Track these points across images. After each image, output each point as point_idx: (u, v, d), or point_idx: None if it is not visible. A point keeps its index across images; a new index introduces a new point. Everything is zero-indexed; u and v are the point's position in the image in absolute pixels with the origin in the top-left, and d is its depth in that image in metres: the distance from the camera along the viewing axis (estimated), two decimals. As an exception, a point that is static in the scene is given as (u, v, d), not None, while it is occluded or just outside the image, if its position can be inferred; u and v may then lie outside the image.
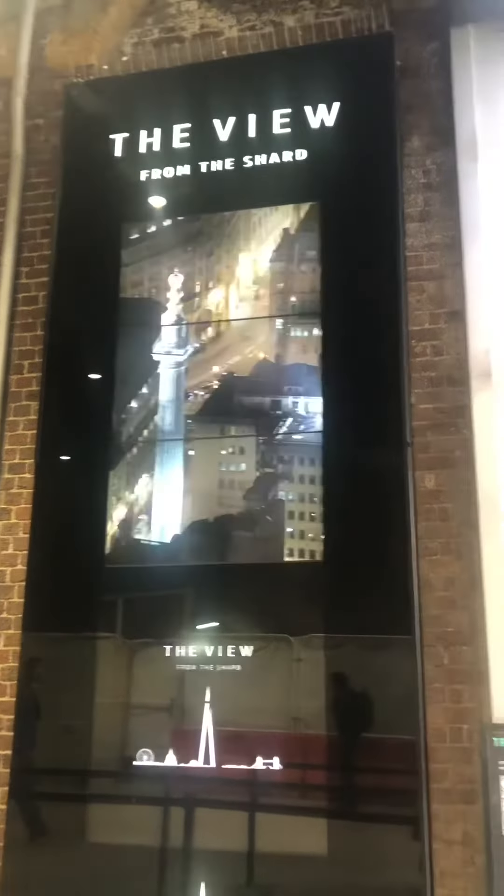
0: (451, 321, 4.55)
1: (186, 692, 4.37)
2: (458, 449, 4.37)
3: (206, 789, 4.27)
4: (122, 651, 4.57)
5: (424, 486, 4.36)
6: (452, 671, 4.11)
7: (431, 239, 4.70)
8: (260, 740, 4.23)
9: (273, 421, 4.74)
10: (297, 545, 4.55)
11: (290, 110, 5.02)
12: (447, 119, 4.82)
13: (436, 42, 4.97)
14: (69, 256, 5.17)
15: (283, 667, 4.33)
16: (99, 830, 4.29)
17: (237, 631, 4.37)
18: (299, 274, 4.90)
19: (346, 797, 4.15)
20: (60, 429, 4.92)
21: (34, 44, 5.78)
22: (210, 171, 5.07)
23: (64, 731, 4.49)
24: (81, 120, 5.47)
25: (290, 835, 4.07)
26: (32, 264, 5.41)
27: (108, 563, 4.67)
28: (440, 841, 3.94)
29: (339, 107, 4.93)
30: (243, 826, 4.16)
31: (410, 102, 4.93)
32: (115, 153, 5.31)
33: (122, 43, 5.84)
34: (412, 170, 4.83)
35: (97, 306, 5.06)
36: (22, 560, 4.85)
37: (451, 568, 4.23)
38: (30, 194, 5.54)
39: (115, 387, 4.90)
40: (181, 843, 4.16)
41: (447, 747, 4.03)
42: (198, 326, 5.04)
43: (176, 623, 4.50)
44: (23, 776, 4.48)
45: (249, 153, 5.02)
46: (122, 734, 4.46)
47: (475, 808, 3.93)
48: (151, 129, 5.26)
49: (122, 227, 5.16)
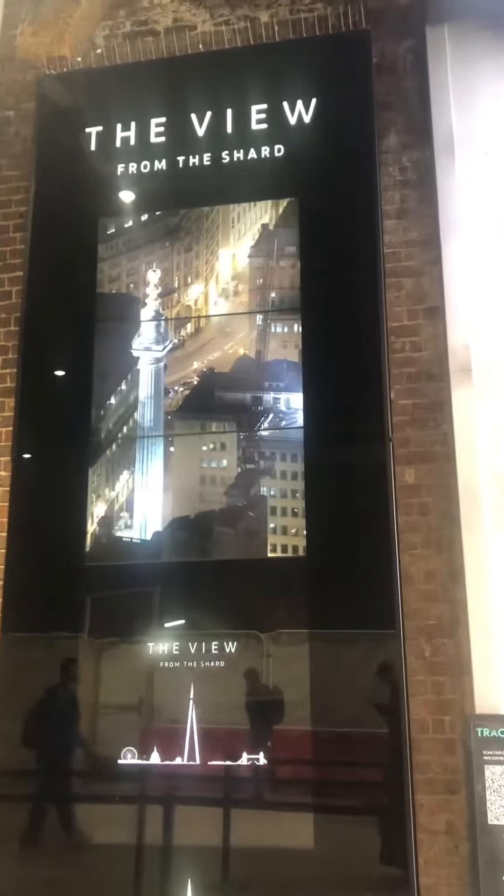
0: (429, 317, 4.60)
1: (170, 690, 4.34)
2: (437, 444, 4.42)
3: (189, 785, 4.26)
4: (102, 649, 4.53)
5: (405, 481, 4.40)
6: (434, 663, 4.16)
7: (409, 236, 4.74)
8: (243, 737, 4.23)
9: (254, 417, 4.73)
10: (279, 541, 4.55)
11: (267, 106, 5.01)
12: (423, 117, 4.87)
13: (411, 40, 5.00)
14: (44, 251, 5.10)
15: (265, 664, 4.34)
16: (85, 830, 4.25)
17: (220, 628, 4.36)
18: (278, 269, 4.90)
19: (331, 790, 4.17)
20: (37, 426, 4.86)
21: (4, 34, 5.69)
22: (188, 166, 5.05)
23: (45, 731, 4.43)
24: (54, 112, 5.40)
25: (277, 829, 4.08)
26: (5, 259, 5.33)
27: (89, 561, 4.62)
28: (424, 831, 3.99)
29: (317, 103, 4.95)
30: (226, 822, 4.17)
31: (386, 100, 4.96)
32: (89, 147, 5.25)
33: (94, 35, 5.77)
34: (389, 167, 4.86)
35: (74, 302, 5.01)
36: (-1, 559, 4.78)
37: (432, 562, 4.28)
38: (1, 187, 5.45)
39: (94, 383, 4.85)
40: (167, 841, 4.15)
41: (430, 738, 4.08)
42: (177, 322, 5.02)
43: (157, 621, 4.47)
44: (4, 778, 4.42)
45: (227, 148, 5.01)
46: (104, 733, 4.42)
47: (458, 798, 3.98)
48: (127, 123, 5.22)
49: (99, 221, 5.10)
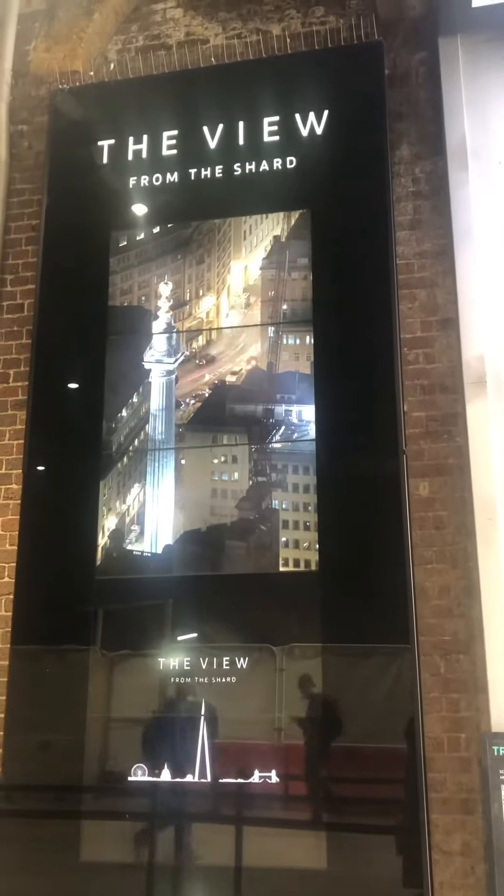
0: (442, 329, 4.56)
1: (181, 705, 4.30)
2: (451, 456, 4.37)
3: (200, 802, 4.20)
4: (112, 663, 4.49)
5: (418, 494, 4.35)
6: (449, 680, 4.10)
7: (422, 247, 4.71)
8: (255, 752, 4.17)
9: (266, 429, 4.70)
10: (291, 555, 4.51)
11: (280, 118, 5.01)
12: (435, 128, 4.85)
13: (423, 51, 5.00)
14: (56, 264, 5.11)
15: (277, 678, 4.28)
16: (93, 848, 4.19)
17: (233, 641, 4.32)
18: (290, 281, 4.88)
19: (344, 808, 4.10)
20: (48, 438, 4.85)
21: (18, 49, 5.74)
22: (199, 178, 5.05)
23: (55, 746, 4.38)
24: (67, 126, 5.42)
25: (289, 848, 4.01)
26: (17, 272, 5.34)
27: (100, 575, 4.59)
28: (439, 851, 3.91)
29: (329, 115, 4.93)
30: (239, 841, 4.11)
31: (399, 111, 4.95)
32: (102, 160, 5.27)
33: (106, 49, 5.82)
34: (402, 178, 4.85)
35: (85, 314, 5.01)
36: (9, 572, 4.76)
37: (447, 576, 4.22)
38: (14, 200, 5.48)
39: (105, 396, 4.84)
40: (177, 860, 4.09)
41: (445, 756, 4.01)
42: (189, 334, 5.00)
43: (169, 635, 4.44)
44: (13, 792, 4.38)
45: (239, 161, 5.00)
46: (114, 748, 4.37)
47: (474, 818, 3.91)
48: (139, 136, 5.23)
49: (111, 234, 5.10)
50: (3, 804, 4.36)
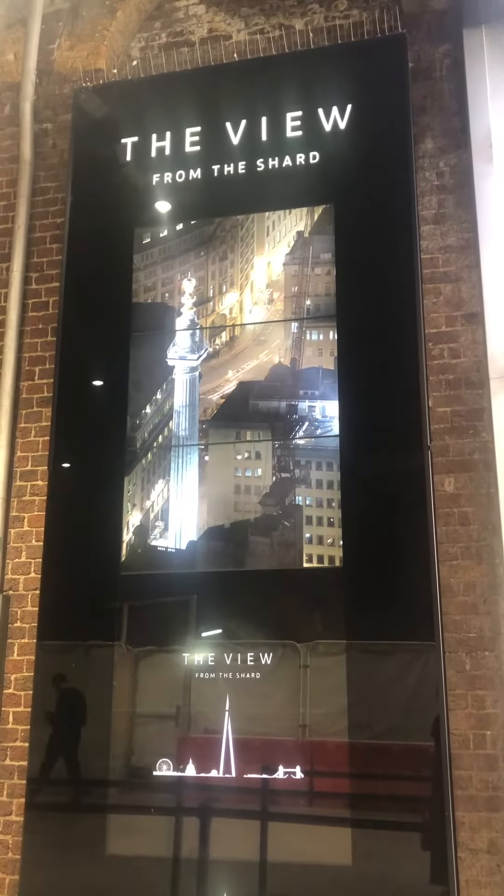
0: (467, 323, 4.52)
1: (206, 700, 4.31)
2: (477, 452, 4.33)
3: (226, 798, 4.22)
4: (137, 659, 4.51)
5: (444, 490, 4.32)
6: (474, 677, 4.07)
7: (447, 241, 4.68)
8: (280, 748, 4.17)
9: (289, 425, 4.70)
10: (315, 551, 4.50)
11: (302, 113, 4.99)
12: (460, 121, 4.81)
13: (447, 44, 4.96)
14: (80, 262, 5.13)
15: (301, 675, 4.28)
16: (119, 842, 4.22)
17: (257, 638, 4.32)
18: (314, 277, 4.87)
19: (369, 805, 4.08)
20: (73, 435, 4.88)
21: (42, 48, 5.77)
22: (222, 174, 5.04)
23: (81, 741, 4.42)
24: (90, 124, 5.44)
25: (313, 844, 4.01)
26: (42, 269, 5.38)
27: (124, 571, 4.62)
28: (465, 849, 3.89)
29: (352, 109, 4.91)
30: (264, 836, 4.12)
31: (423, 104, 4.92)
32: (125, 157, 5.28)
33: (129, 47, 5.84)
34: (426, 172, 4.81)
35: (109, 311, 5.02)
36: (35, 568, 4.80)
37: (472, 572, 4.19)
38: (38, 199, 5.51)
39: (129, 392, 4.86)
40: (203, 854, 4.11)
41: (471, 753, 3.99)
42: (212, 331, 5.01)
43: (193, 631, 4.45)
44: (40, 787, 4.43)
45: (262, 156, 4.99)
46: (140, 743, 4.40)
47: (500, 815, 3.89)
48: (162, 133, 5.23)
49: (135, 231, 5.12)
50: (30, 798, 4.40)
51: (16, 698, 4.64)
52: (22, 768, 4.49)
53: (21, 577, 4.83)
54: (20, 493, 4.98)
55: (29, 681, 4.61)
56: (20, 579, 4.83)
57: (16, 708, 4.63)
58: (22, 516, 4.94)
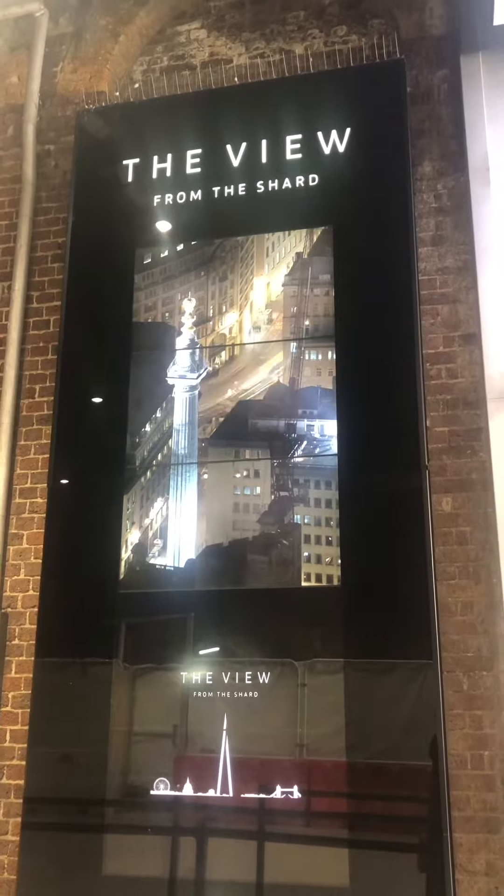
0: (465, 344, 4.56)
1: (203, 719, 4.31)
2: (474, 472, 4.36)
3: (223, 818, 4.20)
4: (135, 677, 4.51)
5: (441, 510, 4.34)
6: (472, 697, 4.07)
7: (444, 263, 4.73)
8: (277, 768, 4.16)
9: (288, 444, 4.72)
10: (313, 570, 4.51)
11: (302, 136, 5.04)
12: (457, 144, 4.88)
13: (445, 69, 5.03)
14: (81, 281, 5.17)
15: (299, 694, 4.28)
16: (115, 862, 4.20)
17: (254, 656, 4.32)
18: (313, 297, 4.91)
19: (367, 825, 4.06)
20: (73, 453, 4.90)
21: (46, 71, 5.86)
22: (223, 196, 5.09)
23: (78, 759, 4.41)
24: (93, 145, 5.50)
25: (311, 865, 3.99)
26: (43, 288, 5.43)
27: (122, 589, 4.63)
28: (463, 871, 3.88)
29: (351, 132, 4.96)
30: (261, 856, 4.09)
31: (421, 128, 4.98)
32: (127, 178, 5.33)
33: (132, 70, 5.92)
34: (424, 194, 4.87)
35: (110, 331, 5.06)
36: (34, 586, 4.81)
37: (470, 592, 4.20)
38: (41, 219, 5.57)
39: (129, 411, 4.89)
40: (199, 875, 4.09)
41: (468, 774, 3.98)
42: (212, 350, 5.05)
43: (191, 649, 4.45)
44: (37, 805, 4.41)
45: (262, 178, 5.04)
46: (137, 762, 4.39)
47: (498, 837, 3.87)
48: (163, 155, 5.29)
49: (136, 251, 5.17)
50: (27, 817, 4.39)
51: (13, 716, 4.63)
52: (19, 787, 4.47)
53: (20, 594, 4.84)
54: (19, 511, 5.00)
55: (26, 698, 4.60)
56: (19, 596, 4.84)
57: (13, 726, 4.62)
58: (21, 533, 4.95)
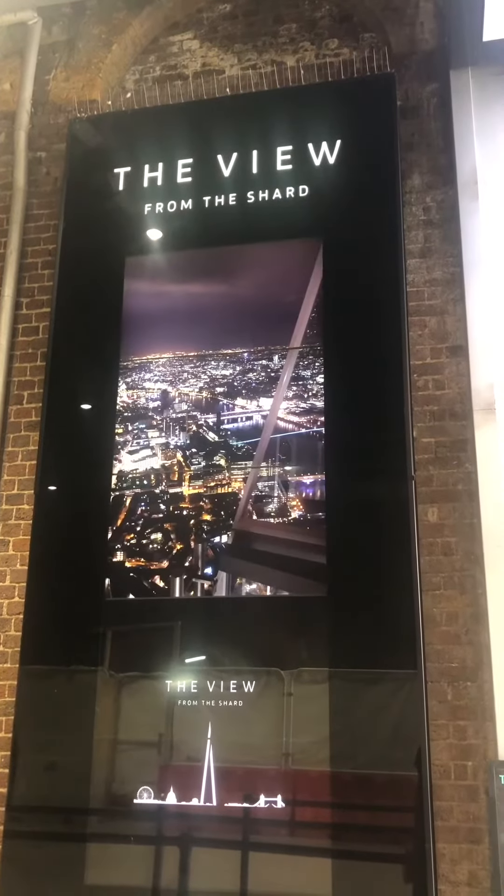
0: (452, 356, 4.60)
1: (188, 728, 4.30)
2: (460, 482, 4.38)
3: (206, 827, 4.18)
4: (120, 685, 4.50)
5: (427, 520, 4.36)
6: (456, 707, 4.08)
7: (432, 275, 4.76)
8: (262, 777, 4.16)
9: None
10: (300, 579, 4.51)
11: (293, 147, 5.07)
12: (447, 158, 4.92)
13: (435, 83, 5.08)
14: (71, 288, 5.18)
15: (285, 703, 4.27)
16: (98, 871, 4.18)
17: (240, 665, 4.32)
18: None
19: (350, 835, 4.06)
20: (60, 460, 4.90)
21: (38, 79, 5.89)
22: (213, 206, 5.11)
23: (62, 768, 4.38)
24: (84, 153, 5.52)
25: (294, 875, 3.99)
26: (33, 295, 5.43)
27: (108, 596, 4.62)
28: (445, 881, 3.88)
29: (341, 145, 5.00)
30: (245, 866, 4.08)
31: (410, 141, 5.02)
32: (118, 187, 5.35)
33: (124, 79, 5.95)
34: (413, 207, 4.91)
35: (99, 338, 5.06)
36: (20, 592, 4.79)
37: (455, 602, 4.22)
38: (31, 226, 5.58)
39: (117, 418, 4.88)
40: (182, 885, 4.07)
41: (452, 784, 3.99)
42: (200, 358, 5.06)
43: (176, 658, 4.44)
44: (20, 814, 4.38)
45: (252, 189, 5.06)
46: (121, 770, 4.37)
47: (481, 847, 3.88)
48: (155, 164, 5.31)
49: (126, 259, 5.17)
50: (9, 825, 4.36)
51: (-3, 724, 4.61)
52: (1, 795, 4.44)
53: (5, 601, 4.83)
54: (6, 517, 4.99)
55: (10, 706, 4.59)
56: (4, 603, 4.82)
57: (-3, 734, 4.60)
58: (7, 540, 4.94)
